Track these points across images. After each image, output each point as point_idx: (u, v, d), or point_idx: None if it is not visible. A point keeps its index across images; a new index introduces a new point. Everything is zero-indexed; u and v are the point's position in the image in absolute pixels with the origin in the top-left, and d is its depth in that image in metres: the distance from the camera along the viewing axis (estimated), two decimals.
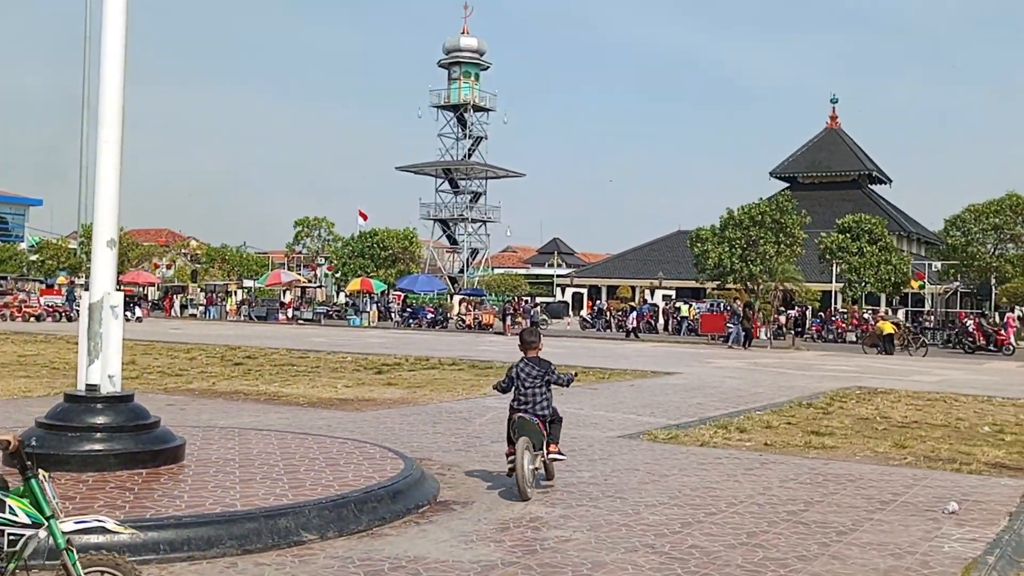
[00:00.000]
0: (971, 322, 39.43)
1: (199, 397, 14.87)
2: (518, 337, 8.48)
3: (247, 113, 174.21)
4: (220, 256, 69.76)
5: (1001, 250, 48.47)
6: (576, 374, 9.39)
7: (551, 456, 8.29)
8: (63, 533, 4.18)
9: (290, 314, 53.71)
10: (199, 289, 63.07)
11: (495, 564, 5.94)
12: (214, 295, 58.77)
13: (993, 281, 48.27)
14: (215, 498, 6.77)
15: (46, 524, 4.16)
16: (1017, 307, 48.80)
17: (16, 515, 4.16)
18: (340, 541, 6.42)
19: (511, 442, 8.00)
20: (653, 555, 6.25)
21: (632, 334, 42.88)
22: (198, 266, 71.31)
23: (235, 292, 59.53)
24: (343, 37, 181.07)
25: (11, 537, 4.17)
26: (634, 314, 45.01)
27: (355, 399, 14.97)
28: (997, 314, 44.56)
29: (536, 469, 8.05)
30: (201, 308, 58.04)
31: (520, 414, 8.09)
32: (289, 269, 64.64)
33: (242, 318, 54.00)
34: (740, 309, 38.34)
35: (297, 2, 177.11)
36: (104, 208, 8.14)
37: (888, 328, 35.55)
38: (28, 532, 4.18)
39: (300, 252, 67.92)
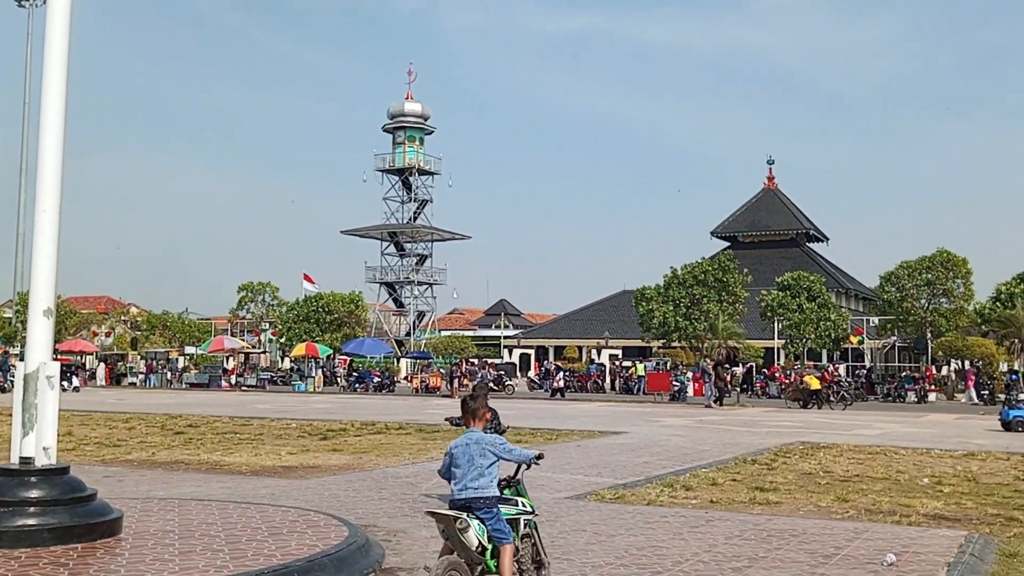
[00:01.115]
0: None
1: (138, 468, 14.53)
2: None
3: (188, 181, 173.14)
4: (161, 323, 68.68)
5: (934, 304, 49.80)
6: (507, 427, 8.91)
7: None
8: None
9: (233, 380, 52.90)
10: (139, 357, 61.87)
11: None
12: (155, 363, 57.70)
13: (928, 335, 49.48)
14: (153, 572, 6.62)
15: None
16: (952, 360, 50.04)
17: None
18: None
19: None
20: None
21: (559, 393, 42.90)
22: (138, 333, 70.04)
23: (176, 359, 58.52)
24: (285, 103, 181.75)
25: None
26: (560, 374, 45.16)
27: (299, 466, 14.76)
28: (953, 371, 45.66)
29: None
30: (141, 376, 56.88)
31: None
32: (232, 335, 63.81)
33: (184, 386, 53.03)
34: (711, 368, 38.61)
35: (240, 71, 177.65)
36: (41, 277, 8.05)
37: (814, 383, 36.27)
38: None
39: (244, 317, 67.19)
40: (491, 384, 43.39)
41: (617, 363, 53.80)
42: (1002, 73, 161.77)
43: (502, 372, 50.79)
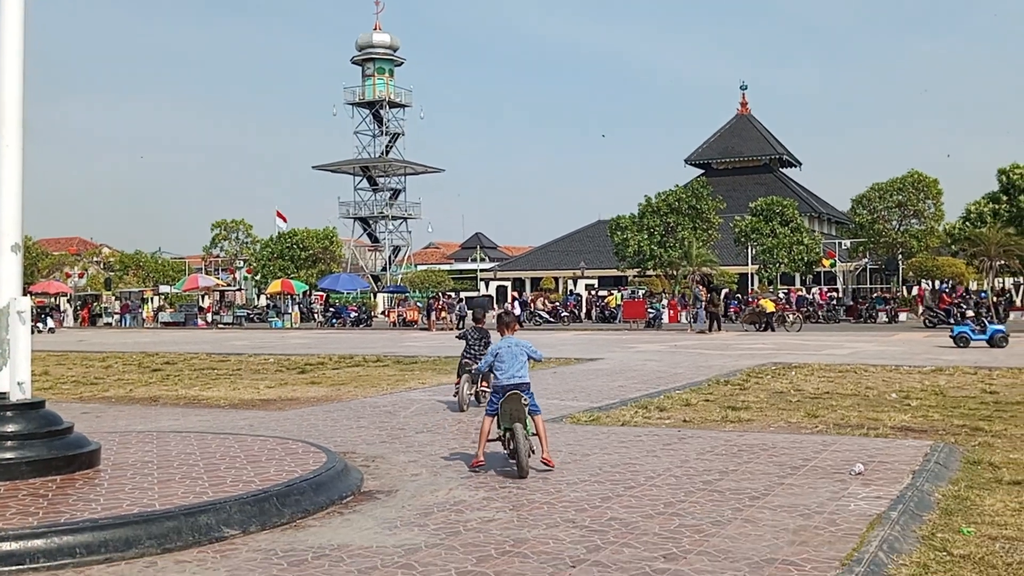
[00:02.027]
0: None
1: (115, 404, 14.56)
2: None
3: (156, 119, 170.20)
4: (134, 263, 68.11)
5: (905, 226, 50.20)
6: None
7: (481, 389, 12.49)
8: None
9: (209, 319, 52.77)
10: (113, 297, 61.49)
11: (419, 547, 6.01)
12: (129, 303, 57.37)
13: (900, 256, 49.98)
14: (132, 499, 6.69)
15: None
16: (923, 280, 50.66)
17: None
18: (263, 535, 6.41)
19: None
20: (574, 529, 6.39)
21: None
22: (111, 274, 69.48)
23: (151, 299, 58.20)
24: (251, 37, 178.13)
25: None
26: (517, 304, 46.38)
27: (278, 399, 14.85)
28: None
29: (470, 395, 12.73)
30: (116, 317, 56.61)
31: (464, 359, 12.35)
32: (207, 273, 63.43)
33: (158, 325, 52.84)
34: (703, 294, 38.83)
35: (206, 7, 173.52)
36: (7, 212, 7.95)
37: (769, 306, 36.65)
38: None
39: (218, 256, 66.73)
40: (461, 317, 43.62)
41: (593, 292, 54.08)
42: None
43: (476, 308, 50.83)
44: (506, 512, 6.91)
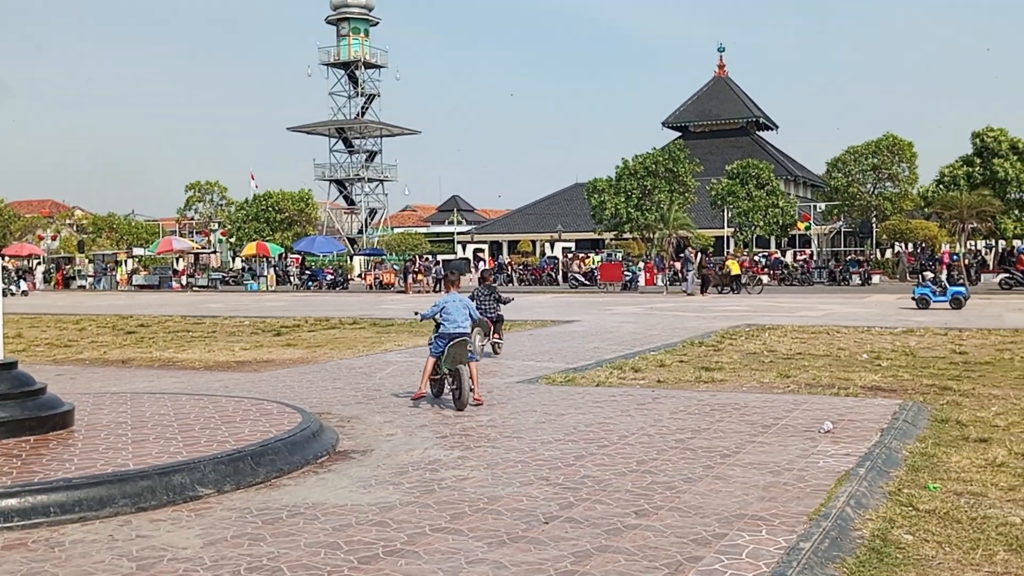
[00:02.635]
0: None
1: (90, 366, 14.49)
2: (479, 278, 12.72)
3: (130, 81, 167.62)
4: (108, 225, 67.42)
5: (880, 189, 50.49)
6: (512, 298, 14.90)
7: (494, 340, 14.78)
8: None
9: (184, 281, 52.44)
10: (87, 260, 60.92)
11: (393, 505, 6.06)
12: (104, 265, 56.86)
13: (874, 219, 50.32)
14: (106, 460, 6.69)
15: None
16: (896, 243, 51.08)
17: None
18: (238, 494, 6.44)
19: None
20: (547, 486, 6.46)
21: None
22: (85, 236, 68.76)
23: (125, 261, 57.71)
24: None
25: None
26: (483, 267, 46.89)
27: (253, 361, 14.82)
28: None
29: (483, 346, 14.15)
30: (90, 279, 56.11)
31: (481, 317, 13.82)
32: (181, 236, 62.92)
33: (133, 287, 52.45)
34: (693, 257, 39.01)
35: None
36: None
37: (735, 268, 36.79)
38: None
39: (192, 218, 66.19)
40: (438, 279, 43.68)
41: (570, 255, 54.14)
42: None
43: (452, 270, 50.60)
44: (480, 471, 6.97)
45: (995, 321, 20.67)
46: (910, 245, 51.09)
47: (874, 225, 50.07)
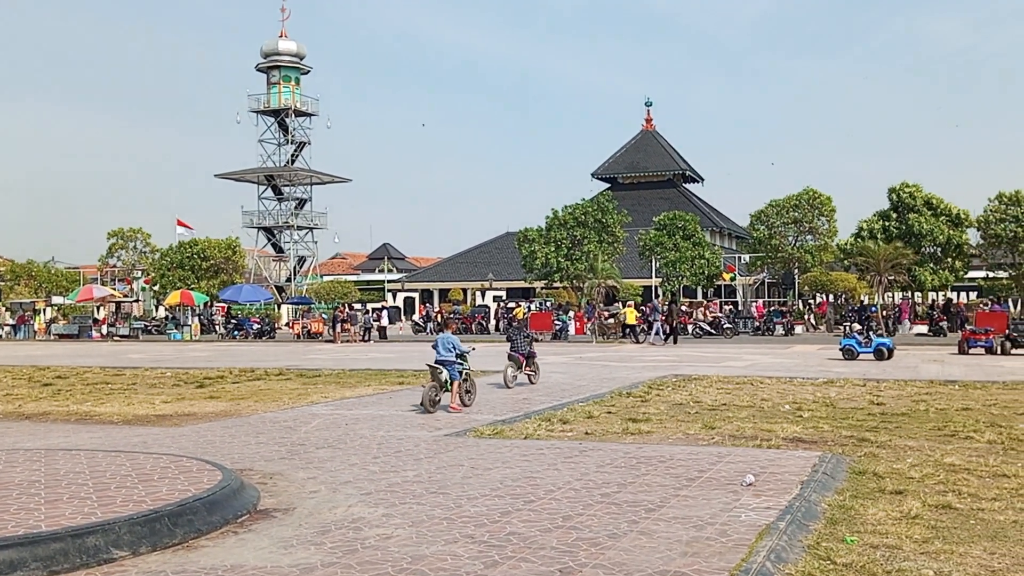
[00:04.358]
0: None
1: (3, 420, 14.00)
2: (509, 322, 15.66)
3: (51, 125, 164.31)
4: (26, 272, 65.47)
5: (801, 242, 51.87)
6: (474, 347, 16.65)
7: (527, 372, 18.37)
8: None
9: (105, 331, 51.09)
10: (4, 309, 58.95)
11: (315, 566, 5.95)
12: (24, 314, 55.08)
13: (796, 271, 51.59)
14: (18, 520, 6.46)
15: None
16: (818, 294, 52.38)
17: None
18: (153, 556, 6.26)
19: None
20: (472, 544, 6.42)
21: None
22: (2, 284, 66.62)
23: (44, 310, 56.02)
24: (152, 40, 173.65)
25: None
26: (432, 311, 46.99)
27: (174, 414, 14.48)
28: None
29: (515, 377, 17.97)
30: (7, 328, 54.27)
31: (511, 352, 17.99)
32: (103, 283, 61.38)
33: (52, 337, 50.89)
34: (662, 306, 39.43)
35: (102, 6, 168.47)
36: None
37: (631, 317, 37.21)
38: None
39: (115, 266, 64.65)
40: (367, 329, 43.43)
41: (501, 304, 54.25)
42: (866, 16, 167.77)
43: (377, 320, 49.74)
44: (405, 528, 6.90)
45: (911, 372, 21.28)
46: (831, 296, 52.41)
47: (796, 277, 51.33)
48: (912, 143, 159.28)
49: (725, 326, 42.84)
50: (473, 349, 15.82)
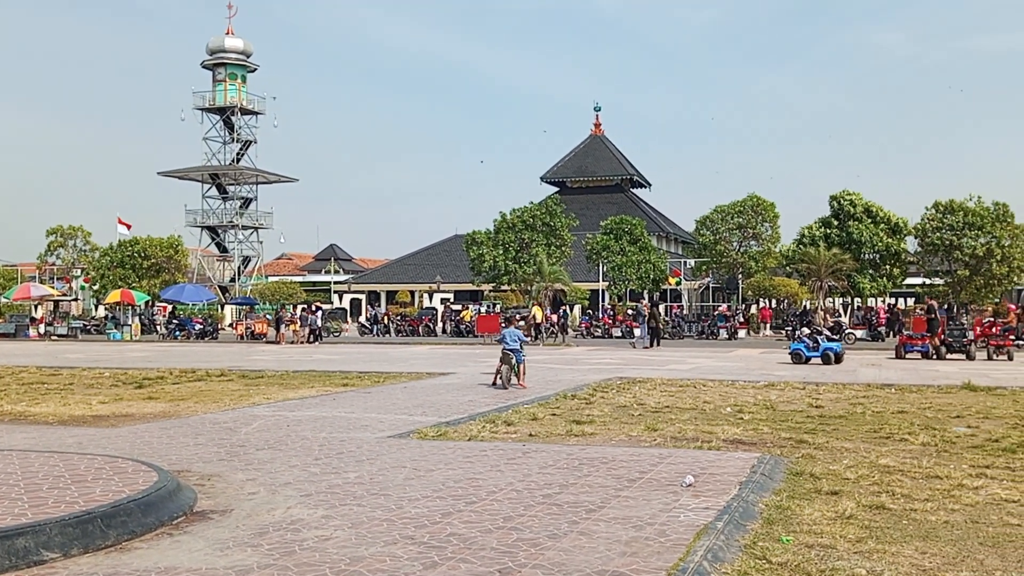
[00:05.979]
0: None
1: None
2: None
3: None
4: None
5: (745, 247, 52.62)
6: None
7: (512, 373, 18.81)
8: None
9: (42, 330, 49.91)
10: None
11: (251, 568, 5.87)
12: None
13: (740, 276, 52.32)
14: None
15: None
16: (761, 299, 53.13)
17: None
18: (85, 558, 6.12)
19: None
20: (412, 545, 6.38)
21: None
22: None
23: None
24: (94, 35, 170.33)
25: None
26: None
27: (111, 415, 14.20)
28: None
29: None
30: None
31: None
32: (41, 282, 59.96)
33: None
34: (645, 310, 39.59)
35: (45, 2, 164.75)
36: None
37: (539, 315, 37.51)
38: None
39: (53, 264, 63.21)
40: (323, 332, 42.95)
41: (448, 306, 54.15)
42: (813, 25, 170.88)
43: (327, 323, 49.31)
44: (344, 530, 6.84)
45: (850, 376, 21.68)
46: (773, 301, 53.19)
47: (740, 281, 52.03)
48: (854, 151, 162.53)
49: (847, 331, 43.02)
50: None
